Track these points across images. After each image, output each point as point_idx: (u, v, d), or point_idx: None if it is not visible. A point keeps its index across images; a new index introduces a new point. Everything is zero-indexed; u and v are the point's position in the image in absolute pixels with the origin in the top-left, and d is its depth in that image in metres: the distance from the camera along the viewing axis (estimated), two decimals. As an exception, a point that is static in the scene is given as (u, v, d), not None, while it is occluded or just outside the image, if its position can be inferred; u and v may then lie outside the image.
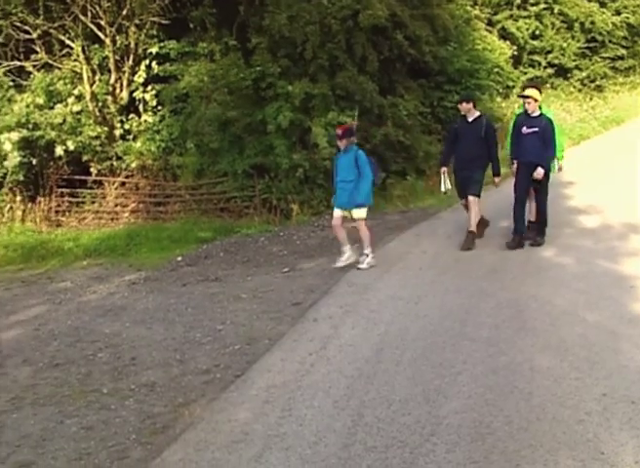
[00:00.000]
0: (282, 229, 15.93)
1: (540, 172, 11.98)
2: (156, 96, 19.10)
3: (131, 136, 18.99)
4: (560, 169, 13.43)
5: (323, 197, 17.25)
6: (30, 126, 18.15)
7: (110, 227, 17.44)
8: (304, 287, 10.60)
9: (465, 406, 6.31)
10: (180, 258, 14.03)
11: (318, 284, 10.82)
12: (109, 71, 19.57)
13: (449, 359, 7.43)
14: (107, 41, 19.19)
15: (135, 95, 19.39)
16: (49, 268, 14.08)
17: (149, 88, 19.13)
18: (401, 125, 19.01)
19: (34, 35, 19.53)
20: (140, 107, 19.37)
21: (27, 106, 18.61)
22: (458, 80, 22.33)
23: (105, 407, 7.14)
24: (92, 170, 18.67)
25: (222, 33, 19.23)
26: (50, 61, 19.75)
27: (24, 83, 19.74)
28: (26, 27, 19.38)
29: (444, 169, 13.06)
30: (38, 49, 19.82)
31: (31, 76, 19.74)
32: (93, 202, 18.61)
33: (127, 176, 18.64)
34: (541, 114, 12.28)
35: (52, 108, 18.87)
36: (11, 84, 19.62)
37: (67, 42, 19.56)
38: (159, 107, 19.18)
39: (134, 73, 19.41)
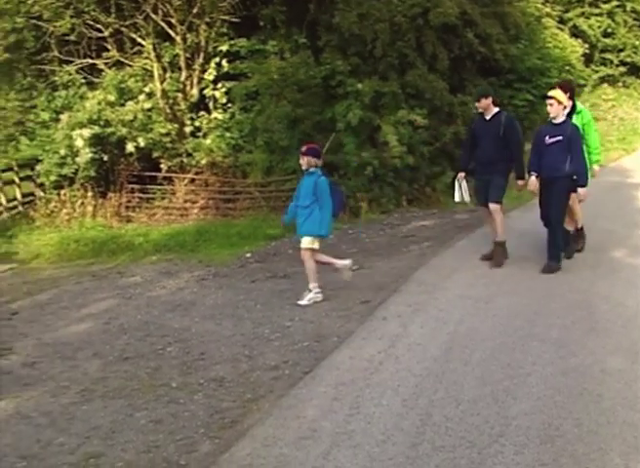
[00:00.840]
0: (351, 227, 15.92)
1: (583, 192, 10.55)
2: (226, 93, 19.21)
3: (201, 134, 19.13)
4: (594, 175, 11.73)
5: (392, 195, 17.24)
6: (102, 123, 18.39)
7: (180, 223, 17.59)
8: (373, 285, 10.57)
9: (534, 407, 6.24)
10: (248, 255, 14.10)
11: (387, 282, 10.77)
12: (180, 69, 19.73)
13: (518, 359, 7.35)
14: (178, 39, 19.37)
15: (205, 92, 19.54)
16: (119, 263, 14.24)
17: (219, 85, 19.24)
18: (470, 123, 18.89)
19: (106, 33, 19.80)
20: (211, 105, 19.51)
21: (99, 103, 18.85)
22: (528, 78, 22.10)
23: (174, 400, 7.20)
24: (162, 166, 18.85)
25: (292, 31, 19.28)
26: (121, 59, 20.02)
27: (96, 80, 20.02)
28: (98, 26, 19.67)
29: (461, 174, 11.86)
30: (110, 47, 20.09)
31: (103, 74, 20.02)
32: (163, 198, 18.80)
33: (197, 173, 18.78)
34: (567, 120, 10.73)
35: (123, 105, 19.10)
36: (83, 81, 19.92)
37: (139, 40, 19.79)
38: (229, 105, 19.29)
39: (204, 71, 19.55)
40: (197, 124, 19.27)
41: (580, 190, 10.56)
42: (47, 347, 9.38)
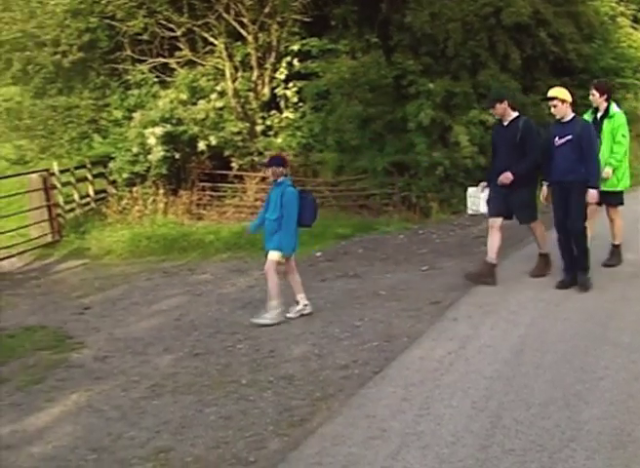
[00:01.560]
0: (421, 227, 15.85)
1: (593, 194, 9.65)
2: (297, 92, 19.28)
3: (272, 133, 19.23)
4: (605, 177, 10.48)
5: (463, 196, 17.11)
6: (174, 121, 18.56)
7: (250, 221, 17.58)
8: (444, 285, 10.50)
9: (606, 412, 6.12)
10: (319, 254, 14.12)
11: (457, 283, 10.67)
12: (251, 68, 19.87)
13: (590, 363, 7.22)
14: (250, 38, 19.49)
15: (276, 91, 19.65)
16: (189, 260, 14.35)
17: (291, 85, 19.32)
18: (543, 124, 18.68)
19: (178, 33, 20.01)
20: (282, 104, 19.59)
21: (171, 102, 19.03)
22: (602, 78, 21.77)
23: (244, 397, 7.22)
24: (233, 165, 18.98)
25: (364, 31, 19.29)
26: (193, 58, 20.21)
27: (169, 79, 20.24)
28: (171, 25, 19.89)
29: (483, 184, 10.89)
30: (182, 46, 20.31)
31: (175, 73, 20.20)
32: (233, 196, 18.92)
33: (267, 172, 18.84)
34: (575, 117, 9.87)
35: (195, 104, 19.26)
36: (155, 80, 20.14)
37: (211, 39, 19.97)
38: (300, 104, 19.35)
39: (275, 70, 19.65)
40: (268, 123, 19.37)
41: (590, 192, 9.66)
42: (118, 342, 9.50)
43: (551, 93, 9.95)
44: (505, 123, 10.46)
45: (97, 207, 20.24)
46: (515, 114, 10.51)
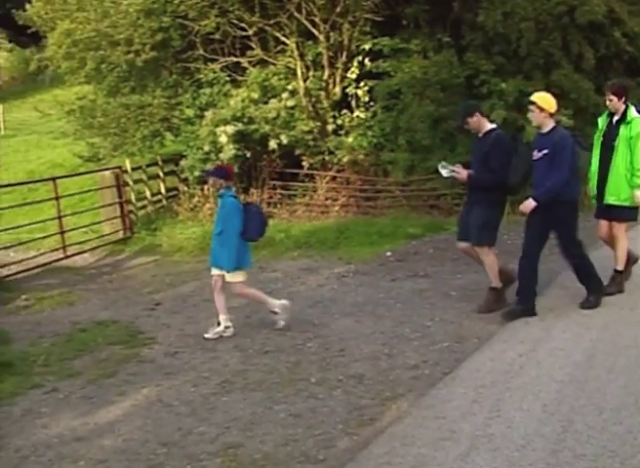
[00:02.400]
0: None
1: (526, 204, 8.97)
2: (369, 92, 19.23)
3: (343, 132, 19.19)
4: (636, 202, 9.61)
5: (534, 197, 16.92)
6: (245, 120, 18.64)
7: (320, 220, 17.67)
8: (515, 287, 10.40)
9: (681, 419, 6.03)
10: (389, 253, 14.07)
11: (529, 284, 10.58)
12: (323, 67, 19.85)
13: (664, 369, 7.13)
14: (321, 38, 19.48)
15: (347, 90, 19.61)
16: (260, 258, 14.39)
17: (362, 84, 19.27)
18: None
19: (250, 32, 20.09)
20: (353, 103, 19.55)
21: (243, 101, 19.11)
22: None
23: (313, 396, 7.25)
24: (304, 163, 19.00)
25: (436, 30, 19.17)
26: (265, 58, 20.28)
27: (240, 78, 20.33)
28: (243, 25, 19.98)
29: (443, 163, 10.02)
30: (254, 45, 20.38)
31: (247, 72, 20.29)
32: (304, 195, 18.95)
33: (338, 171, 18.86)
34: (555, 128, 9.03)
35: (266, 103, 19.31)
36: (227, 79, 20.24)
37: (282, 39, 20.01)
38: (371, 103, 19.29)
39: (347, 69, 19.61)
40: (339, 122, 19.34)
41: (527, 201, 8.96)
42: (189, 338, 9.60)
43: (533, 97, 9.20)
44: (480, 135, 9.69)
45: (168, 204, 20.47)
46: (491, 126, 9.71)
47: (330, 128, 19.33)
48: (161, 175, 21.18)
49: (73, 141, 24.66)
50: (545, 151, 8.89)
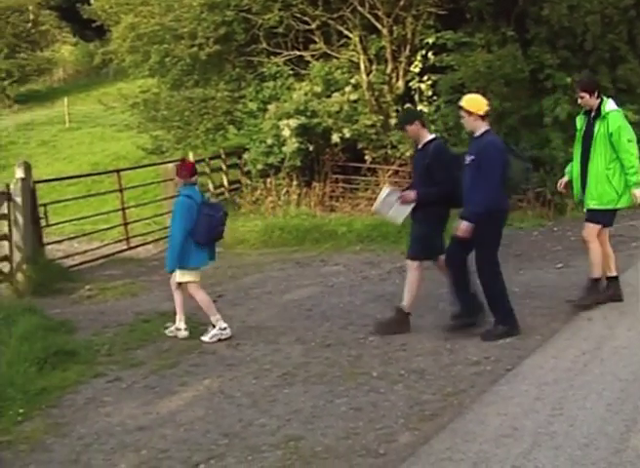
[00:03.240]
0: (556, 224, 15.61)
1: (462, 227, 8.31)
2: (432, 86, 19.17)
3: (406, 125, 19.15)
4: (635, 202, 9.07)
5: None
6: (308, 113, 18.69)
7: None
8: (579, 284, 10.27)
9: None
10: (449, 248, 13.98)
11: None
12: (386, 61, 19.86)
13: None
14: (384, 31, 19.46)
15: (411, 84, 19.57)
16: (322, 251, 14.44)
17: (425, 78, 19.22)
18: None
19: (313, 26, 20.16)
20: (416, 97, 19.52)
21: (306, 94, 19.17)
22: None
23: (375, 389, 7.24)
24: (366, 157, 19.02)
25: (500, 24, 19.02)
26: (328, 51, 20.33)
27: (303, 72, 20.39)
28: (306, 18, 20.06)
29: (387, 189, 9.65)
30: (317, 39, 20.45)
31: (310, 65, 20.33)
32: (366, 189, 18.95)
33: (401, 165, 18.82)
34: (485, 133, 8.48)
35: (329, 97, 19.35)
36: (290, 73, 20.32)
37: (345, 32, 20.05)
38: (434, 97, 19.22)
39: (410, 63, 19.58)
40: (402, 116, 19.31)
41: (460, 223, 8.34)
42: (250, 330, 9.64)
43: (461, 102, 8.72)
44: (420, 146, 9.15)
45: (230, 197, 20.60)
46: (430, 137, 9.13)
47: (392, 122, 19.30)
48: (224, 167, 21.34)
49: (137, 134, 24.94)
50: (472, 158, 8.40)
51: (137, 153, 26.08)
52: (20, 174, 13.73)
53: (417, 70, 19.40)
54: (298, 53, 20.80)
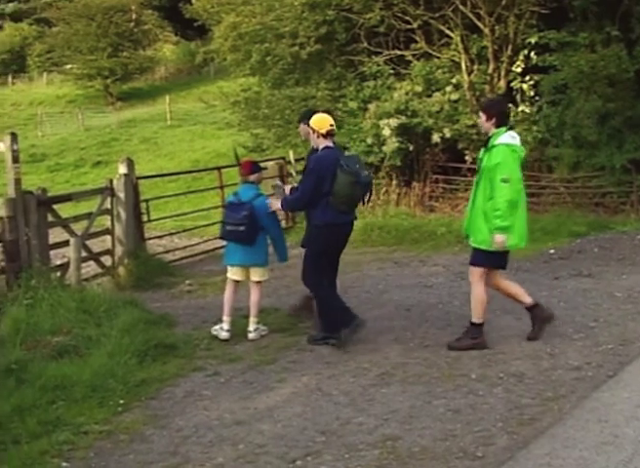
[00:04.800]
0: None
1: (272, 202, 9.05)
2: (534, 86, 18.96)
3: (507, 126, 18.98)
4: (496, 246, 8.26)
5: None
6: (409, 113, 18.68)
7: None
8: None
9: None
10: (552, 251, 13.79)
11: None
12: (487, 61, 19.72)
13: None
14: (486, 31, 19.33)
15: (512, 84, 19.39)
16: (421, 251, 14.37)
17: (527, 78, 19.01)
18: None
19: (414, 25, 20.15)
20: (518, 97, 19.32)
21: (406, 94, 19.16)
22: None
23: (473, 392, 7.19)
24: (466, 158, 18.88)
25: (604, 23, 18.71)
26: (429, 51, 20.30)
27: (404, 71, 20.36)
28: (407, 18, 20.05)
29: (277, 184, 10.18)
30: (418, 38, 20.44)
31: (411, 65, 20.30)
32: (466, 189, 18.78)
33: (501, 166, 18.64)
34: (322, 150, 8.71)
35: (430, 96, 19.31)
36: (391, 72, 20.32)
37: (446, 32, 19.95)
38: (537, 98, 19.02)
39: (512, 63, 19.40)
40: (503, 116, 19.11)
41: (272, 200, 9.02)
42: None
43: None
44: (314, 147, 9.08)
45: (329, 196, 20.66)
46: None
47: (494, 122, 19.11)
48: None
49: (237, 132, 25.22)
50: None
51: (238, 151, 26.37)
52: (123, 169, 14.03)
53: (518, 70, 19.21)
54: (398, 52, 20.81)
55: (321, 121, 8.78)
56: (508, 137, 8.22)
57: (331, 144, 8.79)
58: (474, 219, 8.48)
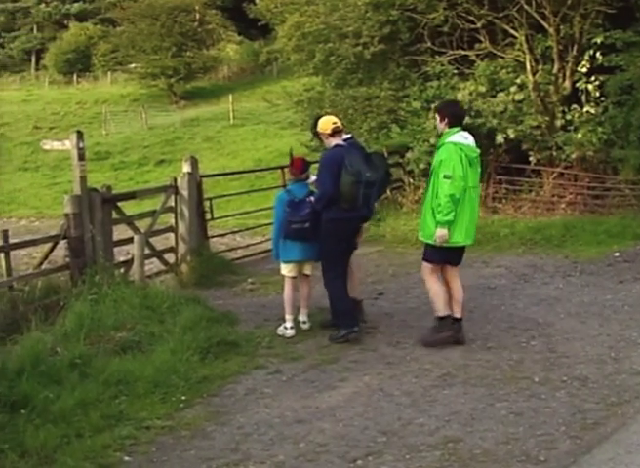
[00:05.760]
0: None
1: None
2: (599, 86, 18.71)
3: (572, 127, 18.73)
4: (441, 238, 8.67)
5: None
6: (472, 113, 18.51)
7: (546, 217, 17.33)
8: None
9: None
10: (617, 254, 13.61)
11: None
12: (552, 61, 19.48)
13: None
14: (551, 30, 19.10)
15: (577, 85, 19.15)
16: (484, 252, 14.28)
17: (593, 78, 18.78)
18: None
19: (478, 25, 19.99)
20: (583, 98, 19.06)
21: (470, 94, 18.99)
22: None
23: (536, 395, 7.16)
24: (530, 159, 18.69)
25: (672, 23, 18.45)
26: (493, 51, 20.11)
27: (467, 71, 20.22)
28: (471, 17, 19.89)
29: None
30: (482, 38, 20.27)
31: (474, 65, 20.16)
32: (530, 191, 18.68)
33: (565, 167, 18.45)
34: (331, 148, 9.33)
35: (494, 96, 19.12)
36: (455, 72, 20.17)
37: (511, 31, 19.77)
38: (602, 98, 18.76)
39: (577, 63, 19.15)
40: (568, 117, 18.87)
41: None
42: (410, 329, 9.62)
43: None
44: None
45: (392, 195, 20.57)
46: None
47: (558, 123, 18.90)
48: (386, 166, 21.38)
49: (300, 131, 25.27)
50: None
51: (300, 150, 26.32)
52: (186, 168, 14.16)
53: (584, 70, 18.95)
54: (462, 52, 20.67)
55: (324, 122, 9.37)
56: (459, 137, 8.61)
57: (341, 142, 9.28)
58: (424, 215, 8.95)
